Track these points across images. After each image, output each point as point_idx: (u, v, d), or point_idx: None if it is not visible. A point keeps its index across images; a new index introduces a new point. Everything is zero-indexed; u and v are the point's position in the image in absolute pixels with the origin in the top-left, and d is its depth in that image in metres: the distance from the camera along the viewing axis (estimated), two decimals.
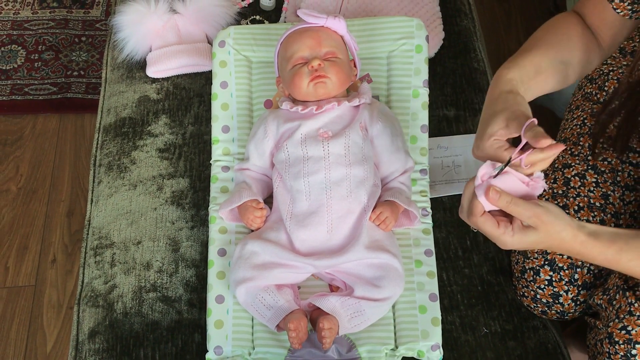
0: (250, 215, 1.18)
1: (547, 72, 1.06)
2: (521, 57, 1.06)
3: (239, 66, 1.35)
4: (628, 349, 1.06)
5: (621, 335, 1.07)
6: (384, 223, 1.17)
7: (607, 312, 1.11)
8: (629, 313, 1.07)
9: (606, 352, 1.09)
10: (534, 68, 1.05)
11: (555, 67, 1.07)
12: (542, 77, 1.05)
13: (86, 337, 1.21)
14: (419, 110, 1.31)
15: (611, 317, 1.10)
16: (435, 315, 1.16)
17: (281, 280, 1.14)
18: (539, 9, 2.27)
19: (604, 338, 1.10)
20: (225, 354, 1.14)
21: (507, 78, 1.02)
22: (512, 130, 0.93)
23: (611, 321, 1.09)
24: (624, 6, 1.09)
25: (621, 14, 1.10)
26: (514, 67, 1.04)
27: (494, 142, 0.94)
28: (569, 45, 1.09)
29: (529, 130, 0.89)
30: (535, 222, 0.90)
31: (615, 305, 1.10)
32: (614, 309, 1.10)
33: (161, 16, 1.47)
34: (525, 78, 1.03)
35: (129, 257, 1.27)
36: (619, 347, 1.07)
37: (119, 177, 1.37)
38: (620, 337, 1.07)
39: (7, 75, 2.12)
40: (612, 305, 1.10)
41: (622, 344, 1.07)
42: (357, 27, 1.36)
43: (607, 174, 1.22)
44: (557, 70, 1.07)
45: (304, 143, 1.18)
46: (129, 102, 1.46)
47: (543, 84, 1.06)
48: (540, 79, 1.05)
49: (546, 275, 1.19)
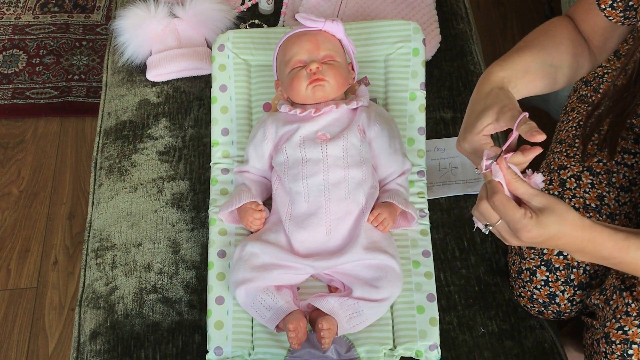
0: (249, 217, 1.19)
1: (536, 74, 1.06)
2: (513, 57, 1.06)
3: (238, 70, 1.36)
4: (624, 349, 1.06)
5: (618, 335, 1.07)
6: (382, 224, 1.17)
7: (604, 312, 1.12)
8: (625, 313, 1.07)
9: (603, 351, 1.10)
10: (523, 68, 1.05)
11: (544, 69, 1.07)
12: (530, 77, 1.06)
13: (87, 339, 1.22)
14: (416, 113, 1.32)
15: (608, 317, 1.10)
16: (433, 315, 1.16)
17: (280, 282, 1.15)
18: (535, 13, 2.28)
19: (601, 338, 1.10)
20: (225, 354, 1.14)
21: (498, 75, 1.02)
22: (502, 124, 0.93)
23: (608, 321, 1.09)
24: (616, 13, 1.09)
25: (613, 20, 1.10)
26: (506, 65, 1.04)
27: (483, 137, 0.95)
28: (560, 49, 1.09)
29: (523, 124, 0.89)
30: (545, 201, 0.89)
31: (612, 305, 1.10)
32: (611, 309, 1.10)
33: (161, 20, 1.48)
34: (514, 77, 1.03)
35: (129, 259, 1.28)
36: (615, 347, 1.07)
37: (120, 180, 1.38)
38: (617, 337, 1.07)
39: (9, 79, 2.13)
40: (609, 305, 1.11)
41: (619, 344, 1.07)
42: (354, 31, 1.37)
43: (602, 175, 1.23)
44: (546, 73, 1.08)
45: (302, 145, 1.19)
46: (129, 105, 1.47)
47: (531, 86, 1.07)
48: (528, 80, 1.05)
49: (542, 275, 1.19)
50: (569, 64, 1.10)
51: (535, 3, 2.29)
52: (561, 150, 1.29)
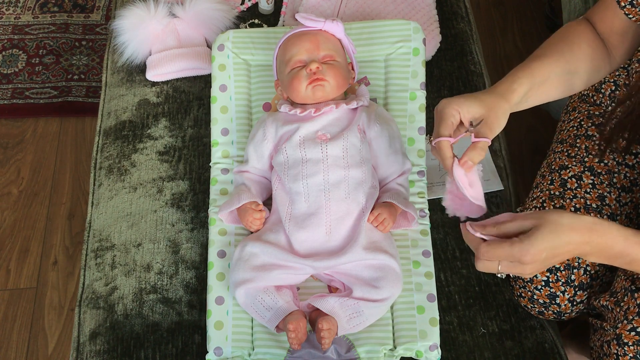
0: (249, 217, 1.19)
1: (552, 83, 1.07)
2: (534, 63, 1.07)
3: (238, 69, 1.36)
4: (638, 350, 1.05)
5: (631, 336, 1.06)
6: (382, 224, 1.17)
7: (614, 314, 1.11)
8: (638, 314, 1.06)
9: (614, 353, 1.08)
10: (541, 78, 1.06)
11: (560, 77, 1.08)
12: (545, 87, 1.07)
13: (87, 339, 1.22)
14: (416, 113, 1.32)
15: (619, 318, 1.09)
16: (433, 315, 1.16)
17: (280, 282, 1.15)
18: (535, 13, 2.28)
19: (612, 339, 1.09)
20: (225, 354, 1.14)
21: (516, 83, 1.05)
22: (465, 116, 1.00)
23: (619, 322, 1.08)
24: (636, 11, 1.08)
25: (633, 19, 1.09)
26: (528, 72, 1.06)
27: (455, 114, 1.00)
28: (578, 55, 1.09)
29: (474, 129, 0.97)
30: (533, 219, 0.90)
31: (623, 307, 1.09)
32: (622, 310, 1.09)
33: (161, 20, 1.48)
34: (529, 89, 1.05)
35: (129, 259, 1.28)
36: (628, 348, 1.06)
37: (120, 180, 1.38)
38: (629, 339, 1.06)
39: (9, 79, 2.13)
40: (619, 307, 1.10)
41: (632, 346, 1.06)
42: (354, 31, 1.37)
43: (603, 176, 1.23)
44: (562, 80, 1.09)
45: (302, 145, 1.19)
46: (129, 105, 1.47)
47: (544, 95, 1.08)
48: (543, 90, 1.07)
49: (543, 276, 1.19)
50: (586, 69, 1.10)
51: (535, 3, 2.30)
52: (562, 150, 1.29)
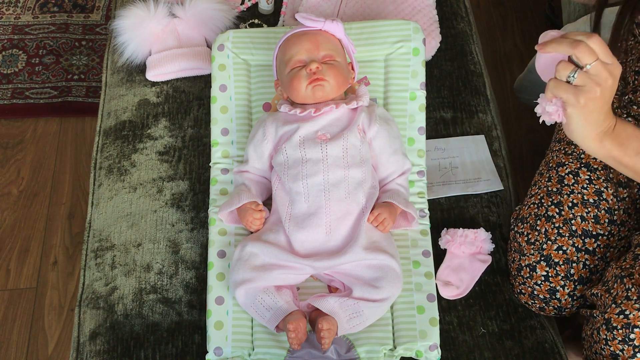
0: (249, 217, 1.19)
1: None
2: None
3: (237, 69, 1.36)
4: (626, 333, 1.06)
5: (619, 320, 1.07)
6: (382, 224, 1.17)
7: (604, 300, 1.12)
8: (626, 298, 1.08)
9: (603, 339, 1.10)
10: None
11: None
12: None
13: (87, 339, 1.22)
14: (416, 113, 1.32)
15: (607, 303, 1.10)
16: (433, 315, 1.17)
17: (280, 282, 1.15)
18: (535, 13, 2.28)
19: (601, 325, 1.10)
20: (225, 354, 1.14)
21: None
22: None
23: (608, 307, 1.10)
24: None
25: None
26: None
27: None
28: None
29: None
30: None
31: (612, 293, 1.10)
32: (611, 296, 1.10)
33: (161, 20, 1.48)
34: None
35: (129, 259, 1.28)
36: (617, 332, 1.07)
37: (119, 180, 1.38)
38: (618, 322, 1.07)
39: (8, 79, 2.13)
40: (609, 293, 1.11)
41: (620, 329, 1.07)
42: (354, 31, 1.37)
43: (600, 171, 1.23)
44: None
45: (302, 145, 1.19)
46: (129, 105, 1.47)
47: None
48: None
49: (542, 271, 1.20)
50: None
51: (535, 3, 2.30)
52: (560, 148, 1.30)
